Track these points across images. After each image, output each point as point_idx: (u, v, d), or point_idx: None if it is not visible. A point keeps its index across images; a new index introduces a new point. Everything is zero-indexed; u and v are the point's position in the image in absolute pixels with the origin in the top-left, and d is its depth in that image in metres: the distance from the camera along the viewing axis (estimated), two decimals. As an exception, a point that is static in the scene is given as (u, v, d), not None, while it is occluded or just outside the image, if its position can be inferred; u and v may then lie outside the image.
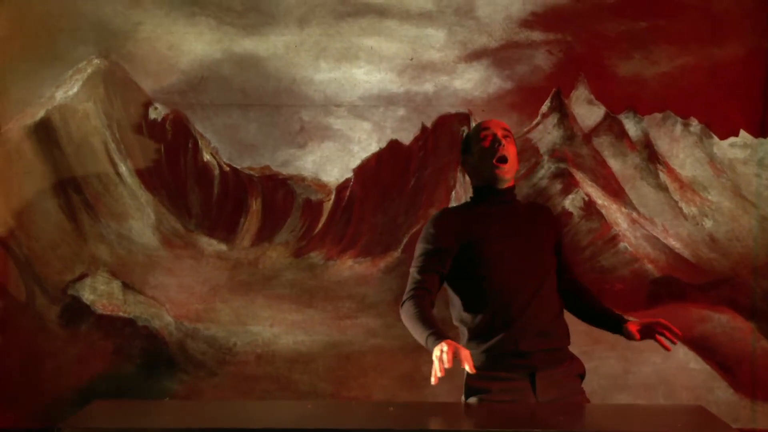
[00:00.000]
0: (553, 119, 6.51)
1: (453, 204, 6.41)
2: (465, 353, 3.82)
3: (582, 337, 5.91)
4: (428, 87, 6.47)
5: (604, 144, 6.51)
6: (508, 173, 4.35)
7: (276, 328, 6.48)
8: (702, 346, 6.39)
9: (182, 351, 6.48)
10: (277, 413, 4.10)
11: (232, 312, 6.49)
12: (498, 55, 6.46)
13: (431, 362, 3.74)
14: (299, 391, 6.43)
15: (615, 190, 6.47)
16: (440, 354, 3.76)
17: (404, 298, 4.32)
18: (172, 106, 6.51)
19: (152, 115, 6.53)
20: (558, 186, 6.46)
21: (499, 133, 4.36)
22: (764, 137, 6.40)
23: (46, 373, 6.46)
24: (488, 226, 4.33)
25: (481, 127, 4.44)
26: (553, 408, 4.01)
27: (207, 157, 6.53)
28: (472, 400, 4.25)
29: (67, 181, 6.49)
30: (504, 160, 4.32)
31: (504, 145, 4.33)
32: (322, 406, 4.71)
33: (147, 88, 6.50)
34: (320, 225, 6.59)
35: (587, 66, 6.46)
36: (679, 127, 6.48)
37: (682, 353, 6.37)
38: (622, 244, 6.43)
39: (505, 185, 4.38)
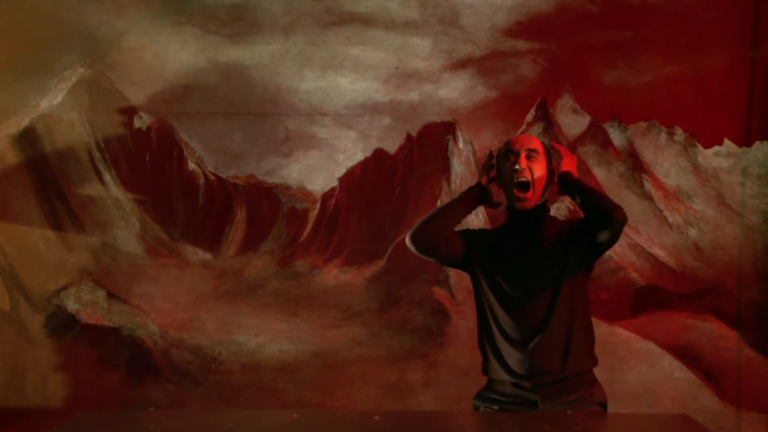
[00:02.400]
0: (538, 128, 6.52)
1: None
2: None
3: (567, 346, 5.92)
4: (413, 96, 6.48)
5: (588, 153, 6.52)
6: (530, 202, 4.26)
7: (261, 337, 6.47)
8: (687, 355, 6.40)
9: (167, 360, 6.47)
10: (263, 423, 4.10)
11: (218, 321, 6.48)
12: (483, 64, 6.47)
13: (416, 371, 3.76)
14: (285, 401, 6.42)
15: (600, 199, 6.48)
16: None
17: None
18: (157, 115, 6.50)
19: (137, 124, 6.52)
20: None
21: (523, 155, 4.26)
22: (748, 146, 6.42)
23: (30, 383, 6.44)
24: (501, 256, 4.30)
25: (507, 146, 4.34)
26: (539, 416, 4.01)
27: (192, 166, 6.53)
28: None
29: (51, 190, 6.48)
30: (524, 188, 4.24)
31: (524, 170, 4.23)
32: (308, 415, 4.70)
33: (132, 97, 6.49)
34: (305, 234, 6.59)
35: (572, 75, 6.47)
36: (663, 136, 6.50)
37: (667, 362, 6.38)
38: (606, 253, 6.43)
39: (528, 208, 4.28)
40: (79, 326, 6.47)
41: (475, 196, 4.35)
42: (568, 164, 4.34)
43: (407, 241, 4.28)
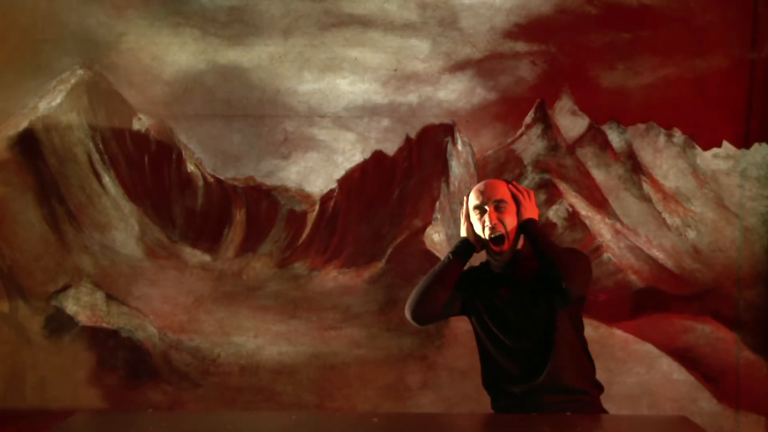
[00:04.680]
0: (536, 130, 6.52)
1: (436, 214, 6.42)
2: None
3: (566, 348, 5.92)
4: (412, 98, 6.48)
5: (587, 155, 6.53)
6: (506, 256, 4.24)
7: (260, 339, 6.47)
8: (685, 357, 6.40)
9: (166, 362, 6.46)
10: (261, 424, 4.09)
11: (216, 323, 6.48)
12: (482, 66, 6.47)
13: (415, 373, 3.75)
14: (283, 402, 6.42)
15: (599, 201, 6.48)
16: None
17: None
18: (156, 116, 6.50)
19: (136, 125, 6.52)
20: (542, 197, 6.47)
21: (491, 208, 4.21)
22: (747, 148, 6.42)
23: (30, 384, 6.44)
24: (491, 305, 4.28)
25: (474, 201, 4.28)
26: (538, 418, 4.01)
27: (191, 167, 6.53)
28: None
29: (50, 191, 6.48)
30: (500, 241, 4.19)
31: (496, 224, 4.19)
32: (306, 417, 4.70)
33: (131, 99, 6.49)
34: (304, 236, 6.58)
35: (571, 77, 6.47)
36: (662, 138, 6.50)
37: (666, 364, 6.38)
38: (605, 255, 6.44)
39: (506, 259, 4.26)
40: (78, 328, 6.47)
41: (463, 253, 4.31)
42: (529, 211, 4.27)
43: (407, 316, 4.26)
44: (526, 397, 4.20)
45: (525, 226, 4.21)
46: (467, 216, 4.31)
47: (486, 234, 4.19)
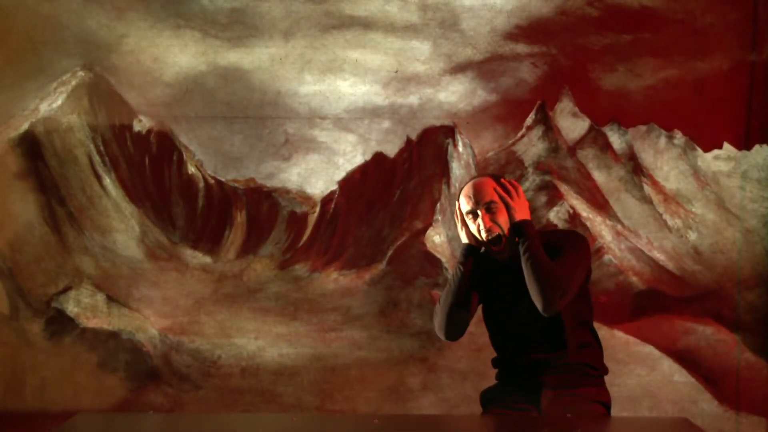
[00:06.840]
0: (537, 132, 6.52)
1: (437, 216, 6.42)
2: None
3: (567, 350, 5.91)
4: (413, 99, 6.48)
5: (588, 156, 6.52)
6: (504, 253, 4.23)
7: (261, 340, 6.46)
8: (686, 359, 6.39)
9: (167, 364, 6.46)
10: (262, 426, 4.09)
11: (217, 325, 6.48)
12: (483, 68, 6.47)
13: (416, 374, 3.75)
14: (284, 404, 6.41)
15: (599, 203, 6.48)
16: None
17: None
18: (156, 118, 6.50)
19: (137, 127, 6.52)
20: (543, 198, 6.47)
21: (483, 212, 4.20)
22: (748, 150, 6.42)
23: (30, 386, 6.43)
24: (494, 287, 4.32)
25: (466, 204, 4.26)
26: (538, 420, 4.01)
27: (192, 169, 6.52)
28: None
29: (51, 193, 6.48)
30: (498, 242, 4.18)
31: (491, 227, 4.18)
32: (307, 418, 4.70)
33: (131, 101, 6.49)
34: (305, 237, 6.58)
35: (571, 79, 6.47)
36: (663, 140, 6.49)
37: (667, 366, 6.37)
38: (606, 257, 6.43)
39: (507, 254, 4.25)
40: (78, 330, 6.47)
41: (470, 258, 4.30)
42: (519, 211, 4.20)
43: (442, 338, 4.32)
44: (531, 369, 4.25)
45: (515, 229, 4.20)
46: (463, 221, 4.31)
47: (483, 237, 4.19)
